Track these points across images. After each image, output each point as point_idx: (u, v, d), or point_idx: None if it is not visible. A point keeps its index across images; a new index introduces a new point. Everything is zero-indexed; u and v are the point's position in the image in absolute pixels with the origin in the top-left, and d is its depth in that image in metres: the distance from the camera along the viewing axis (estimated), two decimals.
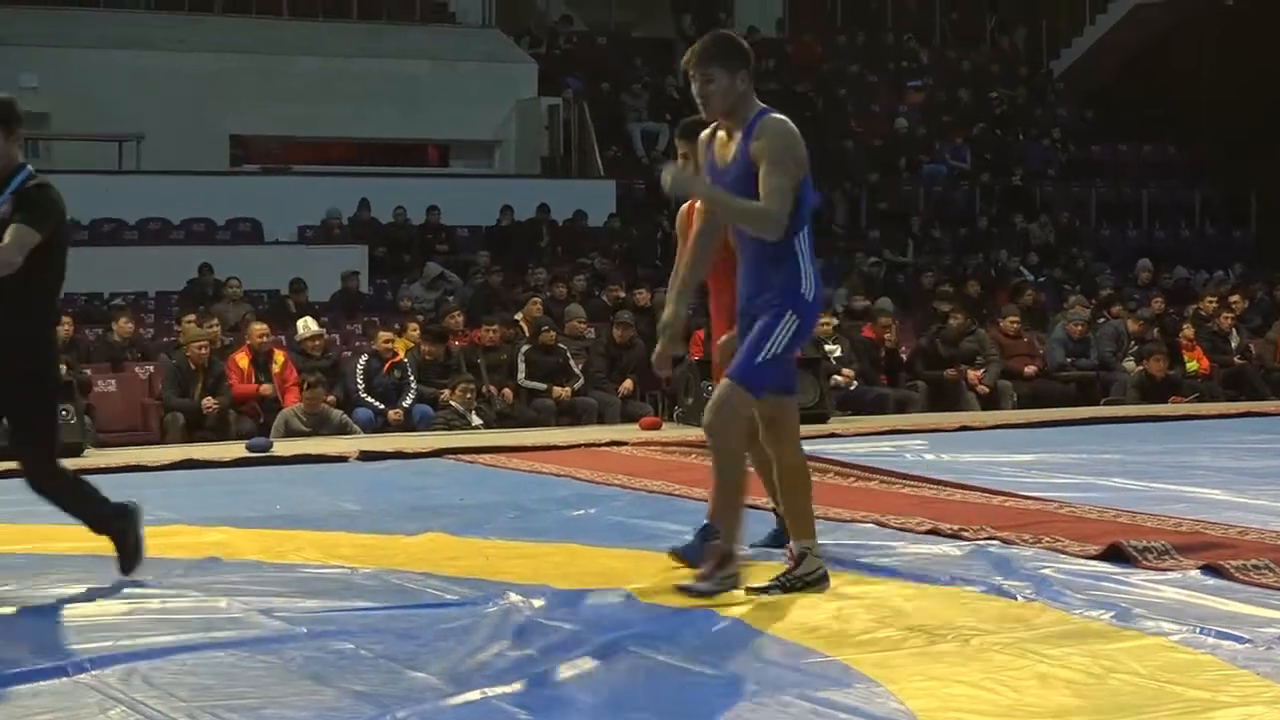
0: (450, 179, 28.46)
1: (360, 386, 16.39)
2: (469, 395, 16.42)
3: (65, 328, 16.73)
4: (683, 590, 6.86)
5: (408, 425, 16.11)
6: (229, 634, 6.32)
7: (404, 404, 16.34)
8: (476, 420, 16.37)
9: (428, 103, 28.45)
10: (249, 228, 24.31)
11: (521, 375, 17.42)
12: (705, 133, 7.18)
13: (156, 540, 8.31)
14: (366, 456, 13.26)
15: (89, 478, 7.61)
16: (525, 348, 17.65)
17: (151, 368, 17.02)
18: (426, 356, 17.05)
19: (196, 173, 25.43)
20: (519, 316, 18.91)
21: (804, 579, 6.89)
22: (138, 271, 22.09)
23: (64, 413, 13.56)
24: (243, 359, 16.32)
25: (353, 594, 7.18)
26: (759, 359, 6.77)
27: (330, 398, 15.99)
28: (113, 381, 16.71)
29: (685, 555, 7.46)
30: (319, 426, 15.45)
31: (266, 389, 16.10)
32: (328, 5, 30.17)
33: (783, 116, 6.93)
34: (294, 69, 27.96)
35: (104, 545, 7.48)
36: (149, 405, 16.44)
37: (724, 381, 6.87)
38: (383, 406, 16.26)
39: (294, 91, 27.72)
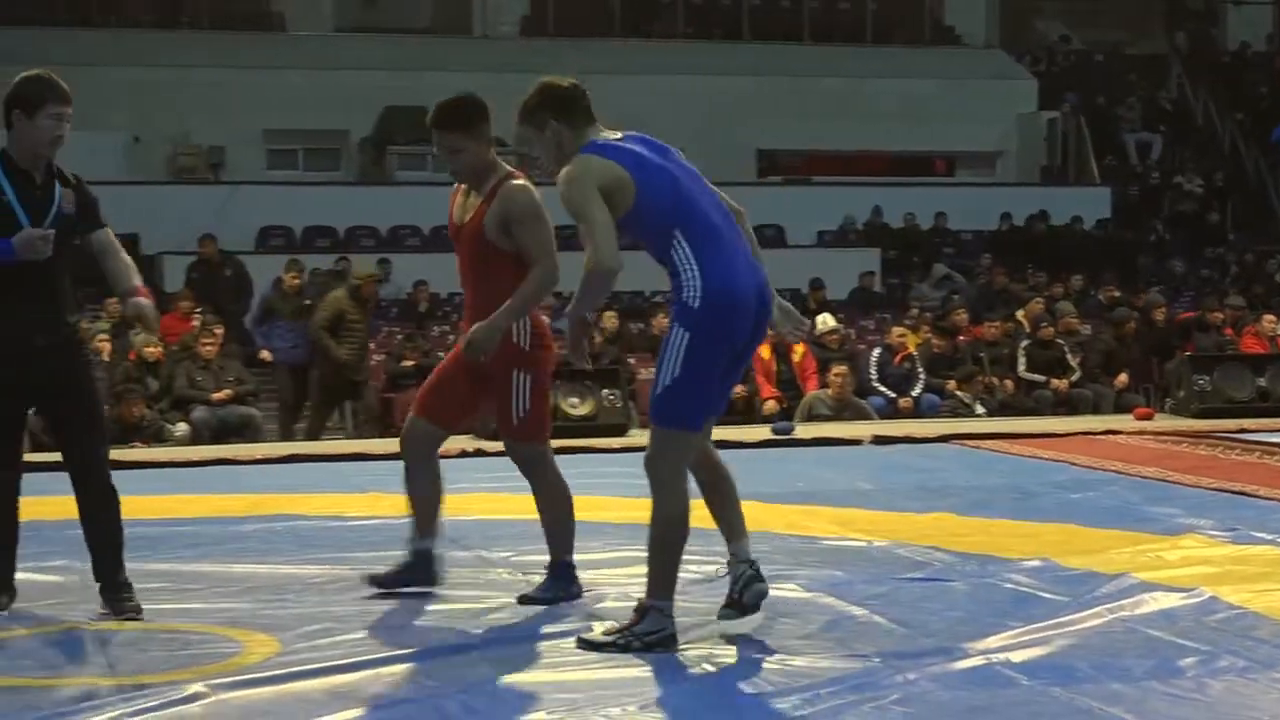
0: (956, 187, 28.28)
1: (873, 376, 16.43)
2: (979, 386, 16.38)
3: (612, 321, 17.21)
4: (582, 642, 5.64)
5: (916, 412, 16.07)
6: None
7: (913, 393, 16.30)
8: (980, 409, 16.27)
9: (935, 118, 28.32)
10: (773, 233, 24.55)
11: (1022, 368, 17.22)
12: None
13: (694, 513, 8.45)
14: (879, 440, 13.25)
15: (631, 455, 7.53)
16: (1025, 342, 17.47)
17: None
18: (935, 350, 17.02)
19: (726, 183, 25.59)
20: (1020, 313, 18.71)
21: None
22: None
23: (611, 397, 13.94)
24: (764, 349, 16.49)
25: (867, 564, 7.20)
26: (658, 390, 5.61)
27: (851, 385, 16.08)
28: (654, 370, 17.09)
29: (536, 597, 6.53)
30: (841, 411, 15.56)
31: None
32: (846, 30, 30.27)
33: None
34: (815, 89, 28.17)
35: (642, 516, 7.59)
36: None
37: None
38: (893, 395, 16.26)
39: (815, 109, 27.92)
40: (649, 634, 5.52)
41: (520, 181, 6.42)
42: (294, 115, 26.28)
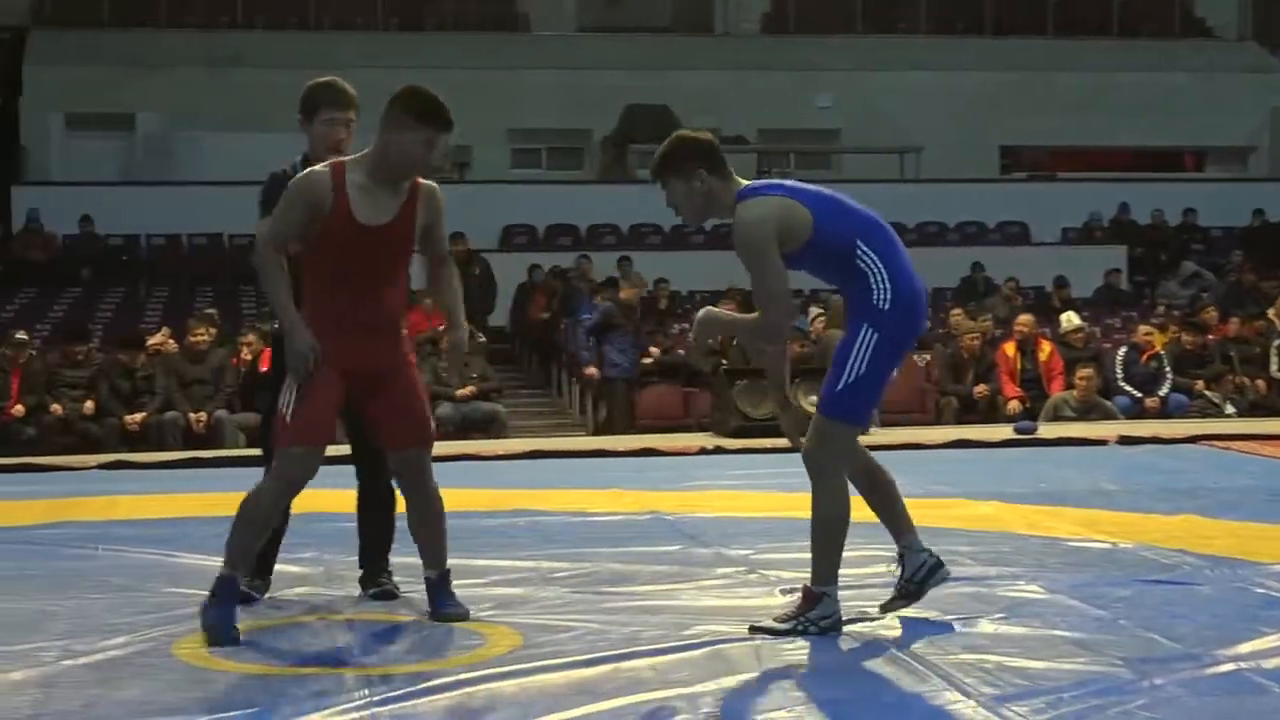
0: (1205, 183, 27.73)
1: (1119, 375, 16.18)
2: (1229, 385, 16.05)
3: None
4: (755, 629, 5.77)
5: (1164, 412, 15.79)
6: (1004, 598, 6.32)
7: (1160, 392, 16.01)
8: (1230, 409, 15.94)
9: (1184, 112, 27.80)
10: (1017, 230, 24.28)
11: (1274, 367, 16.87)
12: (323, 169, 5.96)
13: (935, 511, 8.40)
14: (1125, 440, 13.03)
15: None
16: (1277, 342, 17.07)
17: (929, 356, 17.24)
18: (1186, 348, 16.70)
19: (969, 180, 25.58)
20: (1271, 312, 18.28)
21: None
22: (919, 270, 22.41)
23: None
24: (1009, 347, 16.33)
25: (1112, 566, 7.08)
26: (839, 385, 5.72)
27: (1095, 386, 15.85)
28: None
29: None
30: (1087, 413, 15.34)
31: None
32: (1090, 23, 29.82)
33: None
34: (1058, 83, 27.82)
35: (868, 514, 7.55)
36: (925, 390, 16.64)
37: (816, 416, 5.81)
38: (1140, 394, 15.98)
39: (1058, 104, 27.58)
40: (823, 618, 5.74)
41: (430, 181, 6.29)
42: (538, 115, 26.59)
